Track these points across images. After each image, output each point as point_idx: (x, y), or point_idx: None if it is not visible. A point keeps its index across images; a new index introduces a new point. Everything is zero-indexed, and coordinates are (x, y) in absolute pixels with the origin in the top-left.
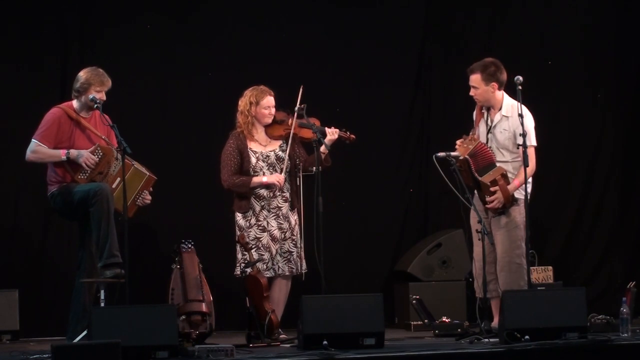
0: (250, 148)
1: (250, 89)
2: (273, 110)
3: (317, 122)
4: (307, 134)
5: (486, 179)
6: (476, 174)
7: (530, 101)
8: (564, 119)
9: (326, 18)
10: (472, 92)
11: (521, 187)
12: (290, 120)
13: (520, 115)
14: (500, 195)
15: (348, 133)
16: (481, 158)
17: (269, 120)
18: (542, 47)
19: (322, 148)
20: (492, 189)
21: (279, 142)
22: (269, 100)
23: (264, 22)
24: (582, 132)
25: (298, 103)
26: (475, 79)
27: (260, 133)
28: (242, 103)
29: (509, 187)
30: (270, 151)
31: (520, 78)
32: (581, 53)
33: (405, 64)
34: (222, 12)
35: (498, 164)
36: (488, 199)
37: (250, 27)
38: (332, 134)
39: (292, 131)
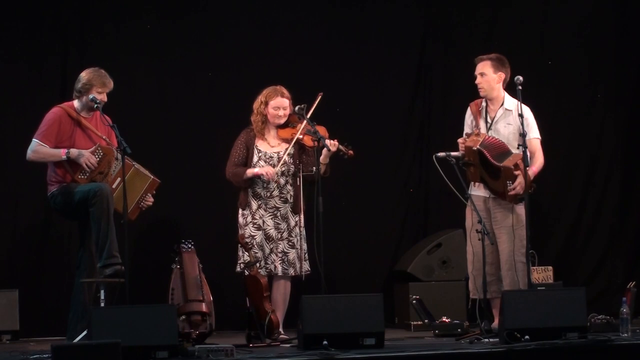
0: (256, 145)
1: (268, 88)
2: (283, 112)
3: (323, 130)
4: (309, 141)
5: (508, 163)
6: (495, 162)
7: (530, 101)
8: (564, 118)
9: (326, 18)
10: (478, 80)
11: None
12: (299, 125)
13: (521, 116)
14: (522, 179)
15: (348, 148)
16: (493, 147)
17: (279, 121)
18: (542, 47)
19: (322, 158)
20: (515, 172)
21: (287, 145)
22: (279, 102)
23: (264, 22)
24: (582, 131)
25: (312, 109)
26: (484, 65)
27: (271, 133)
28: (255, 102)
29: (529, 172)
30: (275, 152)
31: (521, 78)
32: (581, 53)
33: (405, 64)
34: (222, 12)
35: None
36: (512, 185)
37: (250, 27)
38: (332, 146)
39: (297, 136)
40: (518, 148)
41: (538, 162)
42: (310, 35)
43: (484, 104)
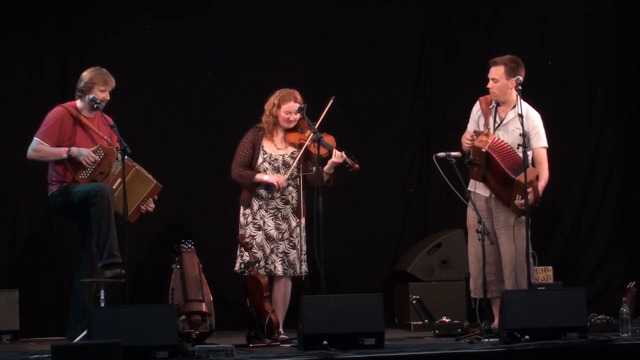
0: (262, 146)
1: (281, 89)
2: (294, 117)
3: (332, 140)
4: (315, 149)
5: (523, 178)
6: (510, 173)
7: (531, 101)
8: (564, 118)
9: (326, 19)
10: (490, 85)
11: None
12: (307, 132)
13: (520, 116)
14: (531, 196)
15: (354, 162)
16: (505, 154)
17: (289, 125)
18: (542, 47)
19: (327, 168)
20: (528, 189)
21: (294, 149)
22: (291, 106)
23: (265, 22)
24: (582, 131)
25: (324, 113)
26: (497, 70)
27: (279, 135)
28: (268, 102)
29: (538, 188)
30: (280, 155)
31: (520, 78)
32: (581, 53)
33: (405, 64)
34: (222, 13)
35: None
36: (521, 200)
37: (250, 27)
38: (337, 157)
39: (306, 143)
40: (518, 148)
41: (544, 176)
42: (310, 36)
43: (494, 103)
